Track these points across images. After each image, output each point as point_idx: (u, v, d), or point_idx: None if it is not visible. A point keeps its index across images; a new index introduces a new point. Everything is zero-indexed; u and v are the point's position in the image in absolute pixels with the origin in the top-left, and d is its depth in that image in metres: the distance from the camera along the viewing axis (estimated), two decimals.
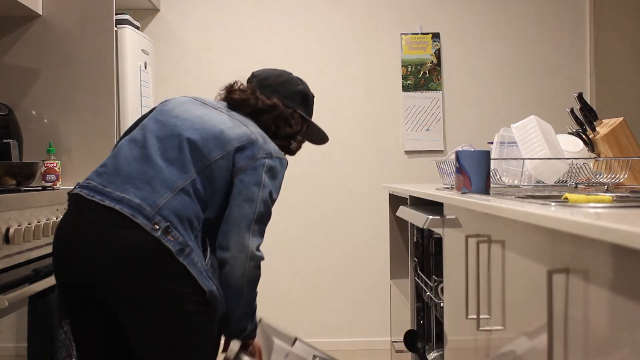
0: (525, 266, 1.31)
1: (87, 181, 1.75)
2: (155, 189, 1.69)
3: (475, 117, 4.14)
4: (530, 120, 2.08)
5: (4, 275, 1.92)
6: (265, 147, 1.84)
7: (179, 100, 1.91)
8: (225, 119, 1.85)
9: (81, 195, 1.71)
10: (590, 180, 2.02)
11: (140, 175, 1.71)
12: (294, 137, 2.02)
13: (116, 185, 1.70)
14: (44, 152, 2.98)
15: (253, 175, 1.80)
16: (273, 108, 1.95)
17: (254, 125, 1.90)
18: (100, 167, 1.78)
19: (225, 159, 1.78)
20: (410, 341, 2.48)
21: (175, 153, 1.75)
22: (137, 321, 1.67)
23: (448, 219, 1.94)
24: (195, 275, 1.68)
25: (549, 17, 4.17)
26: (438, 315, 2.23)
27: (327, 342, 3.82)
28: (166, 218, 1.66)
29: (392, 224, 3.23)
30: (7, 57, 3.06)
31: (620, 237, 0.85)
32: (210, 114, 1.86)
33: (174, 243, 1.66)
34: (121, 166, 1.74)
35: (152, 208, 1.66)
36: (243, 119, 1.89)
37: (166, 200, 1.68)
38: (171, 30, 4.07)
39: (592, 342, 1.01)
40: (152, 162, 1.73)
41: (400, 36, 4.14)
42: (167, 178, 1.71)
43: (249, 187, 1.79)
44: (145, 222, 1.64)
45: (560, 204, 1.33)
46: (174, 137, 1.77)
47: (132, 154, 1.76)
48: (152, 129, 1.81)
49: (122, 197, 1.67)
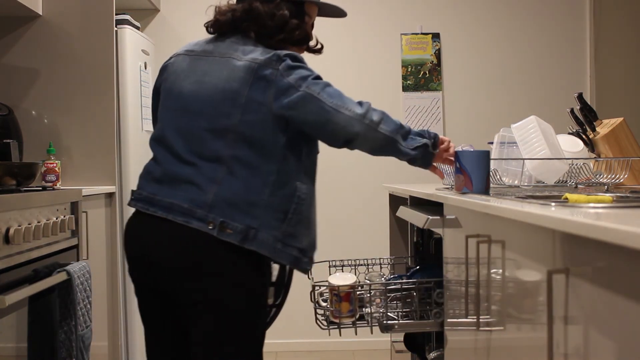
0: (525, 266, 1.31)
1: (138, 192, 1.74)
2: (199, 186, 1.65)
3: (475, 117, 4.14)
4: (530, 120, 2.08)
5: (4, 275, 1.91)
6: (268, 57, 1.69)
7: (176, 68, 1.79)
8: (222, 68, 1.71)
9: (137, 211, 1.73)
10: (590, 180, 2.02)
11: (181, 177, 1.67)
12: (285, 25, 1.76)
13: (165, 192, 1.67)
14: (44, 152, 2.98)
15: (286, 92, 1.66)
16: (249, 11, 1.75)
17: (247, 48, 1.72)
18: (146, 173, 1.76)
19: (248, 114, 1.66)
20: (410, 341, 2.48)
21: (201, 144, 1.68)
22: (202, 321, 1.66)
23: (448, 219, 1.94)
24: (268, 254, 1.67)
25: (549, 17, 4.17)
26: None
27: (327, 342, 3.82)
28: (220, 213, 1.62)
29: (392, 224, 3.22)
30: (7, 57, 3.06)
31: (620, 237, 0.85)
32: (207, 70, 1.73)
33: (234, 235, 1.62)
34: (162, 170, 1.71)
35: (202, 209, 1.62)
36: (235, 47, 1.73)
37: (213, 195, 1.63)
38: (171, 30, 4.07)
39: (592, 342, 1.01)
40: (186, 160, 1.68)
41: (400, 36, 4.13)
42: (206, 172, 1.65)
43: (296, 100, 1.65)
44: (200, 224, 1.62)
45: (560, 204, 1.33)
46: (192, 128, 1.69)
47: (165, 155, 1.72)
48: (169, 122, 1.75)
49: (171, 204, 1.65)
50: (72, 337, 2.21)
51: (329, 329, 2.13)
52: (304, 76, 1.68)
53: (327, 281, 2.10)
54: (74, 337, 2.21)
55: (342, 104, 1.68)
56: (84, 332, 2.27)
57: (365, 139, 1.72)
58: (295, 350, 4.01)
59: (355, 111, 1.69)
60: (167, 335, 1.78)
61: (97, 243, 2.88)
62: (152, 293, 1.75)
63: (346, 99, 1.70)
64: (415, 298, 2.06)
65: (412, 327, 2.09)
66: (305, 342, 3.98)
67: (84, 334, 2.27)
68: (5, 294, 1.84)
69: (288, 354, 3.94)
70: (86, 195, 2.64)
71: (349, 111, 1.68)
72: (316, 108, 1.67)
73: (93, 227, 2.78)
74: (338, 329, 2.10)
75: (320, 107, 1.67)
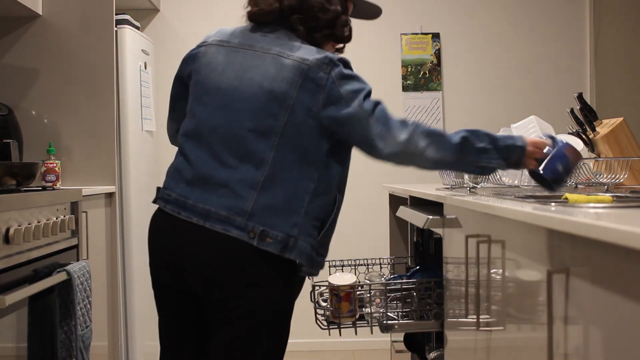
0: (525, 266, 1.31)
1: (167, 192, 1.66)
2: (236, 192, 1.57)
3: (475, 117, 4.14)
4: (530, 120, 2.08)
5: (4, 275, 1.91)
6: (319, 59, 1.60)
7: (209, 60, 1.69)
8: (267, 64, 1.62)
9: (166, 212, 1.63)
10: (590, 180, 2.02)
11: (216, 180, 1.59)
12: (336, 21, 1.69)
13: (197, 196, 1.59)
14: (44, 152, 2.98)
15: (336, 101, 1.59)
16: (301, 1, 1.65)
17: (293, 45, 1.64)
18: (174, 172, 1.68)
19: (294, 117, 1.58)
20: (410, 341, 2.48)
21: (242, 145, 1.59)
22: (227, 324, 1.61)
23: (448, 219, 1.94)
24: (306, 263, 1.61)
25: (548, 17, 4.17)
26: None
27: (327, 342, 3.82)
28: (260, 221, 1.55)
29: (392, 224, 3.23)
30: (7, 57, 3.06)
31: (620, 237, 0.85)
32: (249, 66, 1.63)
33: (274, 244, 1.56)
34: (194, 171, 1.62)
35: (242, 217, 1.55)
36: (279, 43, 1.64)
37: (252, 202, 1.56)
38: (171, 30, 4.07)
39: (592, 342, 1.01)
40: (223, 162, 1.60)
41: (400, 36, 4.14)
42: (245, 176, 1.57)
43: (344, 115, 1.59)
44: (240, 233, 1.55)
45: (560, 204, 1.33)
46: (234, 128, 1.60)
47: (199, 155, 1.63)
48: (206, 119, 1.64)
49: (208, 211, 1.57)
50: (72, 337, 2.21)
51: (329, 329, 2.14)
52: (356, 90, 1.61)
53: (327, 281, 2.10)
54: (74, 337, 2.21)
55: (386, 131, 1.61)
56: (84, 332, 2.27)
57: (410, 162, 1.66)
58: (295, 350, 4.00)
59: (397, 140, 1.60)
60: (187, 332, 1.73)
61: (97, 243, 2.88)
62: (179, 293, 1.69)
63: (392, 125, 1.61)
64: (415, 298, 2.06)
65: (412, 327, 2.09)
66: (305, 342, 3.98)
67: (84, 334, 2.27)
68: (5, 294, 1.83)
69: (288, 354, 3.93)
70: (86, 195, 2.64)
71: (392, 138, 1.61)
72: (362, 131, 1.61)
73: (93, 227, 2.78)
74: (338, 329, 2.10)
75: (366, 131, 1.60)
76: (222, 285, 1.59)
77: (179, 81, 1.78)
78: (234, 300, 1.60)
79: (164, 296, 1.74)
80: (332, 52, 1.69)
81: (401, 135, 1.60)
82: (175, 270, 1.65)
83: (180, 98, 1.78)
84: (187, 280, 1.64)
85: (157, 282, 1.74)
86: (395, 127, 1.61)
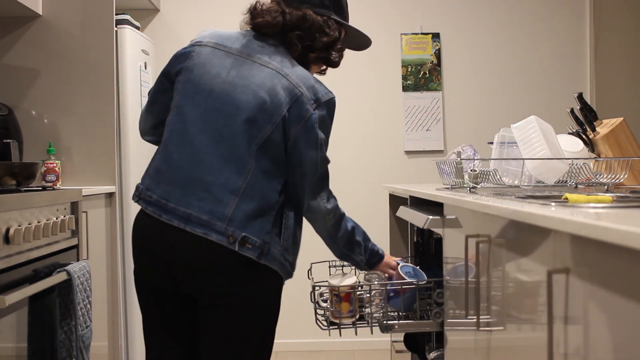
0: (525, 266, 1.31)
1: (148, 194, 1.67)
2: (218, 197, 1.61)
3: (475, 117, 4.14)
4: (530, 121, 2.08)
5: (4, 275, 1.91)
6: (311, 92, 1.67)
7: (203, 61, 1.71)
8: (263, 77, 1.66)
9: (147, 214, 1.67)
10: (590, 180, 2.02)
11: (198, 183, 1.62)
12: (332, 45, 1.77)
13: (178, 199, 1.62)
14: (44, 152, 2.98)
15: (308, 138, 1.67)
16: (304, 20, 1.71)
17: (290, 64, 1.70)
18: (154, 172, 1.70)
19: (276, 132, 1.64)
20: (410, 341, 2.48)
21: (227, 149, 1.63)
22: (217, 322, 1.67)
23: (448, 219, 1.94)
24: (277, 268, 1.67)
25: (549, 17, 4.17)
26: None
27: (327, 342, 3.82)
28: (240, 227, 1.60)
29: (392, 224, 3.22)
30: (7, 57, 3.06)
31: (620, 237, 0.85)
32: (244, 74, 1.67)
33: (253, 250, 1.61)
34: (175, 172, 1.65)
35: (222, 221, 1.59)
36: (278, 59, 1.70)
37: (233, 207, 1.60)
38: (171, 30, 4.07)
39: (592, 342, 1.01)
40: (206, 164, 1.63)
41: (400, 36, 4.14)
42: (227, 182, 1.61)
43: (306, 154, 1.68)
44: (220, 238, 1.59)
45: (560, 204, 1.33)
46: (223, 131, 1.64)
47: (182, 155, 1.65)
48: (195, 120, 1.66)
49: (189, 215, 1.60)
50: (72, 337, 2.21)
51: (329, 329, 2.14)
52: (326, 141, 1.73)
53: (327, 281, 2.10)
54: (74, 337, 2.21)
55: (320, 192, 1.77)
56: (83, 332, 2.27)
57: (316, 224, 1.81)
58: (295, 350, 4.00)
59: (323, 205, 1.77)
60: (174, 332, 1.76)
61: (97, 243, 2.88)
62: (168, 294, 1.72)
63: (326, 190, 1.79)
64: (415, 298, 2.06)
65: (412, 327, 2.09)
66: (305, 342, 3.97)
67: (84, 334, 2.27)
68: (5, 294, 1.84)
69: (288, 354, 3.94)
70: (86, 195, 2.64)
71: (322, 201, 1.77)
72: (308, 176, 1.72)
73: (93, 227, 2.78)
74: (338, 329, 2.10)
75: (310, 179, 1.72)
76: (210, 286, 1.64)
77: (166, 77, 1.79)
78: (222, 298, 1.65)
79: (151, 298, 1.76)
80: (317, 72, 1.83)
81: (327, 205, 1.78)
82: (165, 272, 1.68)
83: (163, 93, 1.79)
84: (176, 281, 1.67)
85: (144, 284, 1.76)
86: (328, 194, 1.79)
